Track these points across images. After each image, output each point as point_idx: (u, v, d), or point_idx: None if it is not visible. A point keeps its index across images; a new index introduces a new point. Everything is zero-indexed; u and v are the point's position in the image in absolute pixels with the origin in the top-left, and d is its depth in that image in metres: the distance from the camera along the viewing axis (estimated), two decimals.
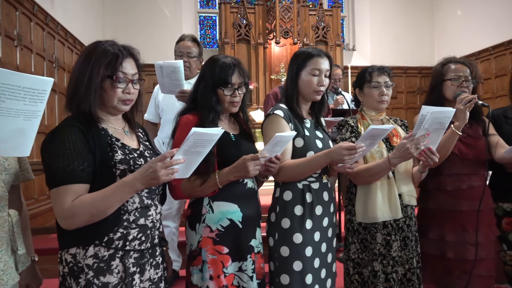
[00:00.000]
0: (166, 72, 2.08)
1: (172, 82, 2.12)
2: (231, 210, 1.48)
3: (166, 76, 2.09)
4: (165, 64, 2.07)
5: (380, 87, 1.84)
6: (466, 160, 1.83)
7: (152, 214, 1.28)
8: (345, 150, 1.44)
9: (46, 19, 4.21)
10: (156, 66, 2.10)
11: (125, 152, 1.24)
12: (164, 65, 2.07)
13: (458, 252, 1.79)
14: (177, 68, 2.07)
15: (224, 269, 1.45)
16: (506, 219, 1.92)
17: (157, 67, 2.10)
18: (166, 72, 2.08)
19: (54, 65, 4.42)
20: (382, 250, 1.77)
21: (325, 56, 1.68)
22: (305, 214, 1.60)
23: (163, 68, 2.08)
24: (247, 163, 1.38)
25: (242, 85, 1.55)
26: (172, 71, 2.07)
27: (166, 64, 2.07)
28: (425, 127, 1.53)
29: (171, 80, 2.10)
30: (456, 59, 1.95)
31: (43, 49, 4.16)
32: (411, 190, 1.80)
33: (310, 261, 1.59)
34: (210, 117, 1.49)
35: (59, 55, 4.59)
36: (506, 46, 5.93)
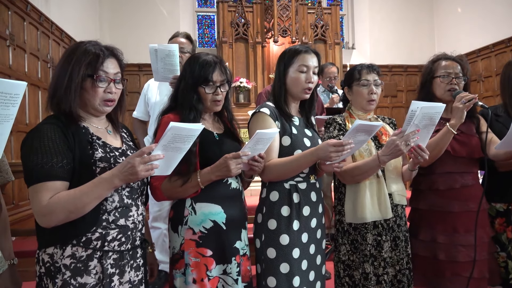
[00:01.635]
0: (161, 56, 2.04)
1: (167, 67, 2.07)
2: (214, 212, 1.45)
3: (160, 61, 2.05)
4: (160, 48, 2.04)
5: (369, 85, 1.80)
6: (459, 158, 1.79)
7: (133, 214, 1.25)
8: (332, 147, 1.40)
9: (40, 19, 4.19)
10: (150, 49, 2.06)
11: (106, 150, 1.23)
12: (159, 48, 2.04)
13: (449, 253, 1.75)
14: (172, 51, 2.03)
15: (207, 272, 1.42)
16: (499, 220, 1.87)
17: (152, 50, 2.06)
18: (160, 56, 2.04)
19: (49, 65, 4.40)
20: (373, 251, 1.73)
21: (313, 53, 1.65)
22: (292, 215, 1.56)
23: (158, 52, 2.04)
24: (229, 162, 1.35)
25: (224, 83, 1.52)
26: (167, 55, 2.03)
27: (161, 48, 2.03)
28: (415, 123, 1.49)
29: (165, 65, 2.06)
30: (447, 56, 1.91)
31: (37, 49, 4.14)
32: (401, 189, 1.77)
33: (297, 263, 1.55)
34: (191, 116, 1.45)
35: (54, 55, 4.57)
36: (507, 43, 5.87)
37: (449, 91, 1.82)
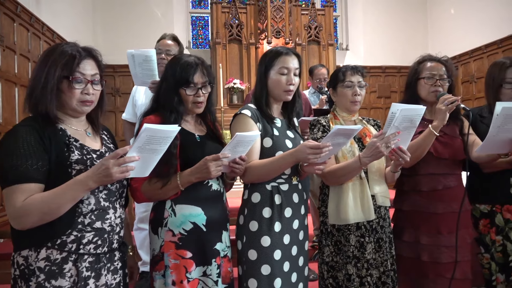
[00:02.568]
0: (138, 61, 2.05)
1: (145, 72, 2.08)
2: (195, 213, 1.44)
3: (138, 66, 2.06)
4: (136, 53, 2.04)
5: (354, 87, 1.81)
6: (441, 159, 1.79)
7: (110, 217, 1.25)
8: (309, 149, 1.41)
9: (31, 20, 4.18)
10: (127, 55, 2.07)
11: (83, 152, 1.22)
12: (136, 54, 2.04)
13: (432, 255, 1.75)
14: (149, 57, 2.03)
15: (187, 274, 1.41)
16: (483, 221, 1.88)
17: (129, 56, 2.06)
18: (138, 61, 2.04)
19: None
20: (356, 253, 1.73)
21: (294, 55, 1.65)
22: (273, 216, 1.56)
23: (135, 57, 2.04)
24: (208, 164, 1.35)
25: (206, 84, 1.52)
26: (144, 60, 2.03)
27: (138, 53, 2.04)
28: (395, 125, 1.49)
29: (143, 70, 2.06)
30: (432, 57, 1.92)
31: (27, 50, 4.12)
32: (384, 190, 1.77)
33: (279, 265, 1.55)
34: (172, 118, 1.45)
35: None
36: (499, 44, 5.89)
37: (433, 92, 1.83)
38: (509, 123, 1.51)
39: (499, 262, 1.83)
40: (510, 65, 1.86)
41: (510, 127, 1.53)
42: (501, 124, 1.52)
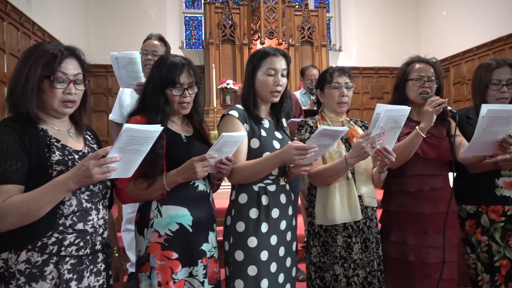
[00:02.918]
0: (122, 64, 2.03)
1: (129, 74, 2.07)
2: (181, 214, 1.44)
3: (122, 68, 2.04)
4: (120, 55, 2.02)
5: (341, 88, 1.82)
6: (428, 160, 1.81)
7: (93, 218, 1.24)
8: (295, 150, 1.41)
9: (21, 19, 4.14)
10: (111, 57, 2.05)
11: (64, 153, 1.21)
12: (120, 56, 2.02)
13: (419, 255, 1.76)
14: (133, 59, 2.02)
15: (173, 275, 1.41)
16: (469, 221, 1.89)
17: (112, 58, 2.05)
18: (122, 63, 2.03)
19: None
20: (343, 253, 1.74)
21: (281, 55, 1.65)
22: (260, 217, 1.56)
23: (119, 60, 2.03)
24: (195, 164, 1.34)
25: (192, 85, 1.51)
26: (128, 63, 2.02)
27: (122, 55, 2.02)
28: (380, 125, 1.50)
29: (127, 73, 2.05)
30: (421, 59, 1.93)
31: (17, 49, 4.08)
32: (371, 191, 1.78)
33: (265, 266, 1.55)
34: (158, 118, 1.44)
35: None
36: (489, 46, 5.95)
37: (421, 94, 1.84)
38: (494, 125, 1.53)
39: (484, 262, 1.84)
40: (496, 66, 1.88)
41: (495, 129, 1.54)
42: (486, 126, 1.53)
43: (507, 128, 1.55)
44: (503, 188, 1.82)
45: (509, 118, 1.52)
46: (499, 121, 1.52)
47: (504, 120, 1.52)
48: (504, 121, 1.52)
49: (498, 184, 1.82)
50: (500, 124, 1.53)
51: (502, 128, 1.54)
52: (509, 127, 1.55)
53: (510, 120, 1.53)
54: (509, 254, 1.80)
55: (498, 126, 1.53)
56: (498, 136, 1.57)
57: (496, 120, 1.52)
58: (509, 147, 1.57)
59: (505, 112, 1.52)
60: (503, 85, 1.85)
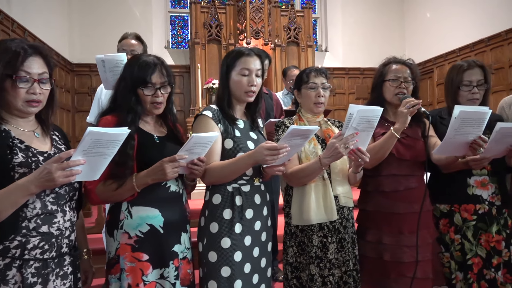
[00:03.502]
0: (109, 67, 2.00)
1: (116, 76, 2.02)
2: (151, 215, 1.42)
3: (109, 71, 2.01)
4: (107, 58, 1.99)
5: (317, 88, 1.82)
6: (403, 161, 1.82)
7: (58, 221, 1.21)
8: (267, 150, 1.41)
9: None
10: (97, 60, 2.02)
11: (28, 155, 1.18)
12: (106, 59, 1.99)
13: (394, 254, 1.78)
14: (120, 61, 1.98)
15: (143, 277, 1.39)
16: (443, 220, 1.91)
17: (98, 61, 2.01)
18: (108, 66, 2.00)
19: None
20: (318, 253, 1.75)
21: (255, 55, 1.64)
22: (234, 218, 1.55)
23: (105, 62, 1.99)
24: (164, 165, 1.33)
25: (165, 85, 1.50)
26: (115, 65, 1.98)
27: (108, 58, 1.98)
28: (353, 126, 1.51)
29: (114, 75, 2.01)
30: (397, 59, 1.95)
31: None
32: (347, 191, 1.79)
33: (239, 266, 1.54)
34: (129, 118, 1.42)
35: None
36: (471, 48, 6.05)
37: (397, 95, 1.85)
38: (466, 126, 1.55)
39: (458, 261, 1.86)
40: (467, 68, 1.91)
41: (466, 130, 1.56)
42: (458, 127, 1.55)
43: (478, 130, 1.58)
44: (475, 187, 1.85)
45: (480, 120, 1.55)
46: (470, 123, 1.54)
47: (475, 122, 1.55)
48: (475, 123, 1.55)
49: (469, 183, 1.85)
50: (471, 126, 1.55)
51: (473, 130, 1.56)
52: (479, 128, 1.57)
53: (481, 122, 1.55)
54: (480, 252, 1.83)
55: (469, 128, 1.55)
56: (469, 137, 1.59)
57: (468, 121, 1.54)
58: (479, 148, 1.60)
59: (477, 114, 1.54)
60: (474, 86, 1.88)
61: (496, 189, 1.86)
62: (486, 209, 1.84)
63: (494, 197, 1.85)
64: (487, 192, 1.85)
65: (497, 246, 1.82)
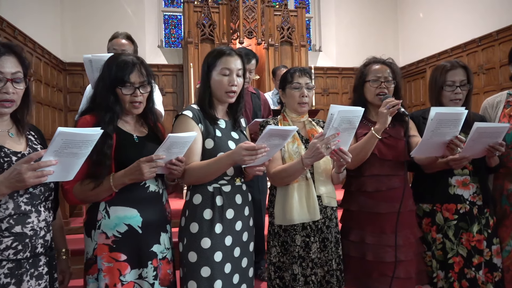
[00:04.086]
0: (96, 67, 1.98)
1: None
2: (129, 215, 1.42)
3: (96, 71, 1.99)
4: (94, 58, 1.97)
5: (301, 88, 1.83)
6: (385, 161, 1.83)
7: (33, 221, 1.21)
8: (245, 151, 1.40)
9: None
10: (84, 60, 2.01)
11: (0, 155, 1.17)
12: (94, 59, 1.98)
13: (377, 254, 1.78)
14: None
15: (121, 277, 1.39)
16: (425, 220, 1.92)
17: (86, 61, 2.00)
18: (95, 66, 1.98)
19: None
20: (301, 253, 1.75)
21: (236, 55, 1.64)
22: (214, 218, 1.55)
23: (93, 62, 1.98)
24: (141, 165, 1.33)
25: (144, 84, 1.49)
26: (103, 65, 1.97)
27: (96, 58, 1.97)
28: (334, 126, 1.51)
29: None
30: (378, 59, 1.95)
31: None
32: (330, 191, 1.79)
33: (219, 267, 1.54)
34: (107, 118, 1.42)
35: None
36: (463, 48, 6.07)
37: (378, 95, 1.86)
38: (442, 127, 1.56)
39: (439, 260, 1.87)
40: (450, 68, 1.92)
41: (443, 131, 1.57)
42: (434, 128, 1.56)
43: (455, 130, 1.59)
44: (456, 187, 1.86)
45: (456, 120, 1.56)
46: (446, 124, 1.55)
47: (451, 123, 1.56)
48: (451, 124, 1.56)
49: (451, 183, 1.86)
50: (448, 127, 1.56)
51: (449, 130, 1.57)
52: (456, 129, 1.58)
53: (457, 122, 1.56)
54: (461, 251, 1.84)
55: (446, 128, 1.56)
56: (445, 137, 1.60)
57: (444, 122, 1.55)
58: (456, 148, 1.61)
59: (452, 115, 1.55)
60: (457, 87, 1.89)
61: (478, 189, 1.87)
62: (467, 208, 1.85)
63: (475, 196, 1.86)
64: (468, 192, 1.86)
65: (478, 246, 1.83)
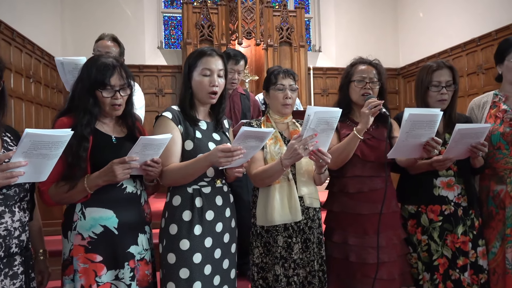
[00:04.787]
0: (68, 69, 2.01)
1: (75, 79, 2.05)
2: (105, 216, 1.42)
3: (68, 73, 2.02)
4: (66, 61, 2.00)
5: (285, 90, 1.82)
6: (368, 162, 1.82)
7: (6, 221, 1.22)
8: (220, 152, 1.40)
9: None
10: (56, 62, 2.03)
11: None
12: (65, 62, 2.00)
13: (359, 255, 1.77)
14: (79, 65, 1.99)
15: (96, 278, 1.39)
16: (410, 221, 1.91)
17: (58, 63, 2.02)
18: (67, 69, 2.00)
19: None
20: (283, 253, 1.75)
21: (217, 55, 1.64)
22: (193, 219, 1.55)
23: (64, 65, 2.00)
24: (114, 167, 1.33)
25: (124, 87, 1.50)
26: (74, 68, 1.99)
27: (67, 61, 1.99)
28: (311, 127, 1.50)
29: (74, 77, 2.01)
30: (363, 60, 1.94)
31: None
32: (312, 192, 1.79)
33: (199, 268, 1.54)
34: (85, 120, 1.42)
35: (4, 54, 4.45)
36: (463, 48, 6.03)
37: (362, 95, 1.85)
38: (417, 128, 1.54)
39: (424, 261, 1.86)
40: (436, 68, 1.91)
41: (418, 132, 1.55)
42: (409, 130, 1.55)
43: (430, 132, 1.57)
44: (441, 188, 1.84)
45: (431, 122, 1.54)
46: (421, 125, 1.54)
47: (426, 124, 1.54)
48: (426, 125, 1.54)
49: (436, 184, 1.84)
50: (423, 128, 1.54)
51: (425, 132, 1.56)
52: (432, 130, 1.57)
53: (432, 123, 1.55)
54: (446, 252, 1.82)
55: (421, 130, 1.55)
56: (421, 139, 1.58)
57: (419, 124, 1.53)
58: (433, 150, 1.59)
59: (426, 116, 1.53)
60: (443, 87, 1.87)
61: (463, 190, 1.85)
62: (451, 210, 1.83)
63: (460, 198, 1.84)
64: (453, 193, 1.84)
65: (463, 247, 1.82)
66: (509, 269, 1.82)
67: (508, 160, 1.87)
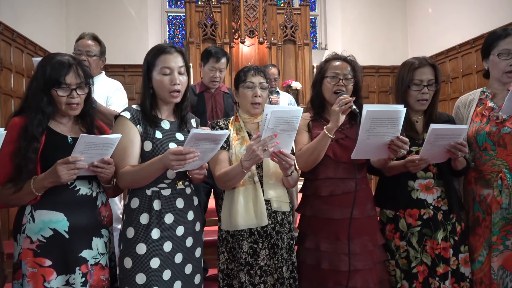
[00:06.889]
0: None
1: None
2: (55, 219, 1.38)
3: None
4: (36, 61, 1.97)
5: (254, 88, 1.75)
6: (340, 163, 1.72)
7: None
8: (172, 155, 1.34)
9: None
10: (34, 62, 2.00)
11: None
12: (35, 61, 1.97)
13: (332, 262, 1.68)
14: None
15: (45, 283, 1.35)
16: (388, 226, 1.80)
17: (35, 63, 2.00)
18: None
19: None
20: (248, 259, 1.67)
21: (176, 52, 1.57)
22: (151, 222, 1.50)
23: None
24: (57, 167, 1.29)
25: (81, 85, 1.45)
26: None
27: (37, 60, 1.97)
28: (270, 127, 1.42)
29: None
30: (339, 56, 1.85)
31: None
32: (280, 195, 1.71)
33: (156, 273, 1.48)
34: (37, 120, 1.38)
35: (5, 55, 4.51)
36: (472, 44, 5.80)
37: (335, 93, 1.76)
38: (378, 127, 1.44)
39: (403, 269, 1.75)
40: (418, 66, 1.79)
41: (380, 131, 1.45)
42: (369, 128, 1.45)
43: (394, 130, 1.46)
44: (419, 191, 1.73)
45: (393, 119, 1.44)
46: (382, 123, 1.44)
47: (388, 122, 1.44)
48: (388, 123, 1.44)
49: (414, 186, 1.74)
50: (385, 126, 1.44)
51: (388, 130, 1.46)
52: (396, 128, 1.46)
53: (395, 121, 1.44)
54: (426, 259, 1.71)
55: (383, 128, 1.44)
56: (385, 138, 1.48)
57: (379, 121, 1.43)
58: (399, 150, 1.49)
59: (387, 113, 1.43)
60: (424, 86, 1.76)
61: (442, 192, 1.73)
62: (430, 214, 1.72)
63: (439, 201, 1.73)
64: (432, 196, 1.73)
65: (444, 254, 1.71)
66: (494, 279, 1.70)
67: (495, 162, 1.75)
